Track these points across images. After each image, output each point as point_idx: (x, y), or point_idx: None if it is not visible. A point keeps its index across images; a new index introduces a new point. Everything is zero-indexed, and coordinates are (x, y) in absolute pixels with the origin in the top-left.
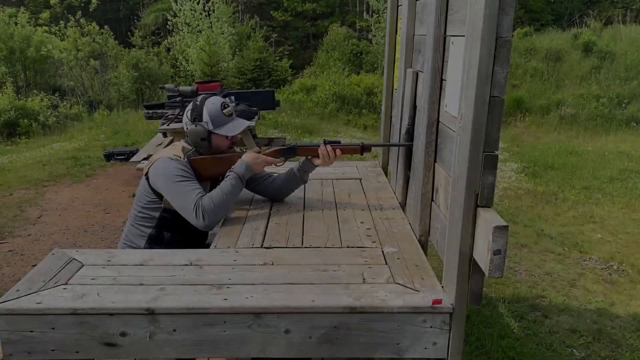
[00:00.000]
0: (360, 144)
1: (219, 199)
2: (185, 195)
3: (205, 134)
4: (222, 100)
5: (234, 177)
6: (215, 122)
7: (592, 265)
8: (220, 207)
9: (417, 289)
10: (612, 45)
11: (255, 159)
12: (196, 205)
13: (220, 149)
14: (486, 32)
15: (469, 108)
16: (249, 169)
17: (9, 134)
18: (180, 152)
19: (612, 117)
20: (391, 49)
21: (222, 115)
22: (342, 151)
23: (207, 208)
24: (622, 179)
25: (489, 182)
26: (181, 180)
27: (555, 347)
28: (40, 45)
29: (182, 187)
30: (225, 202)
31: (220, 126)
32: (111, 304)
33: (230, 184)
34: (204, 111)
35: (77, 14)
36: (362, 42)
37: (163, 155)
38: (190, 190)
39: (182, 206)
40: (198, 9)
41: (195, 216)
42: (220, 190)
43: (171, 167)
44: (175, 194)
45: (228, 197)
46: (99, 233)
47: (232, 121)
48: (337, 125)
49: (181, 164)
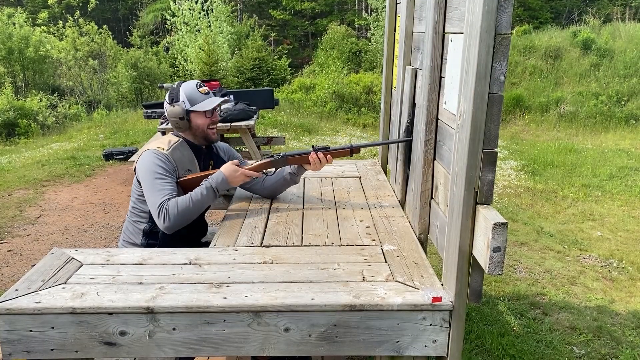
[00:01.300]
0: (350, 146)
1: (184, 205)
2: (156, 193)
3: (183, 113)
4: (197, 81)
5: (207, 187)
6: (191, 100)
7: (592, 262)
8: (183, 214)
9: (416, 286)
10: (611, 43)
11: (233, 172)
12: (161, 206)
13: (200, 128)
14: (485, 29)
15: (467, 105)
16: (225, 182)
17: (8, 134)
18: (166, 144)
19: (611, 114)
20: (390, 47)
21: (197, 92)
22: (333, 155)
23: (170, 211)
24: (621, 176)
25: (488, 180)
26: (157, 177)
27: (555, 344)
28: (39, 45)
29: (156, 184)
30: (190, 210)
31: (197, 103)
32: (110, 303)
33: (201, 193)
34: (180, 92)
35: (76, 14)
36: (361, 41)
37: (148, 148)
38: (161, 189)
39: (150, 203)
40: (197, 8)
41: (158, 216)
42: (188, 197)
43: (151, 162)
44: (148, 189)
45: (195, 205)
46: (98, 233)
47: (208, 98)
48: (337, 124)
49: (162, 158)
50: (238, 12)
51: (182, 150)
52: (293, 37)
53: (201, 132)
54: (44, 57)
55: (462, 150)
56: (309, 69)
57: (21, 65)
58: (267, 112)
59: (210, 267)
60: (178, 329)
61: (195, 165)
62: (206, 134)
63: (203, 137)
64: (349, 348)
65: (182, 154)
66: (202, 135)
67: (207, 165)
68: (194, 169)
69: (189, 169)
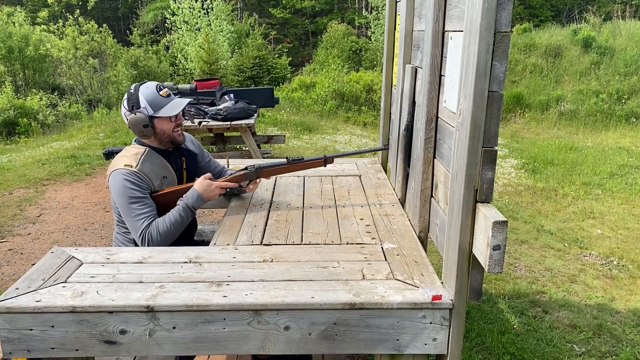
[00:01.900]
0: (323, 157)
1: (165, 230)
2: (134, 219)
3: (147, 120)
4: (157, 83)
5: (183, 208)
6: (153, 105)
7: (592, 260)
8: (165, 237)
9: (416, 285)
10: (611, 41)
11: (208, 187)
12: (142, 233)
13: (166, 133)
14: (484, 27)
15: (467, 103)
16: (200, 199)
17: (9, 133)
18: (133, 160)
19: (611, 112)
20: (390, 46)
21: (159, 96)
22: (306, 167)
23: (153, 237)
24: (621, 174)
25: (488, 178)
26: (131, 202)
27: (556, 342)
28: (39, 44)
29: (132, 209)
30: (172, 232)
31: (160, 108)
32: (110, 301)
33: (179, 214)
34: (140, 97)
35: (76, 13)
36: (361, 39)
37: (116, 168)
38: (139, 214)
39: (131, 228)
40: (197, 7)
41: (141, 242)
42: (168, 221)
43: (123, 185)
44: (126, 215)
45: (175, 227)
46: (99, 231)
47: (171, 101)
48: (337, 123)
49: (133, 179)
50: (238, 11)
51: (151, 160)
52: (293, 35)
53: (167, 137)
54: (44, 56)
55: (462, 148)
56: (309, 68)
57: (21, 64)
58: (267, 110)
59: (210, 266)
60: (178, 327)
61: (170, 169)
62: (172, 137)
63: (169, 141)
64: (349, 346)
65: (152, 164)
66: (168, 139)
67: (181, 165)
68: (169, 174)
69: (164, 175)
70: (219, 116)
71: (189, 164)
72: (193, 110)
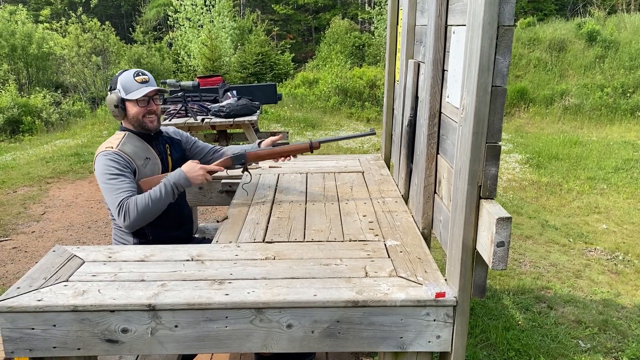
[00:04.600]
0: (309, 142)
1: (143, 204)
2: (113, 193)
3: (118, 101)
4: (138, 70)
5: (165, 185)
6: (125, 88)
7: (598, 256)
8: (143, 213)
9: (420, 282)
10: (616, 34)
11: (192, 167)
12: (120, 204)
13: (135, 117)
14: (487, 21)
15: (470, 98)
16: (184, 178)
17: (12, 131)
18: (114, 143)
19: (616, 106)
20: (393, 41)
21: (133, 81)
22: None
23: (130, 210)
24: (627, 168)
25: (492, 174)
26: (110, 178)
27: (561, 338)
28: (42, 42)
29: (111, 184)
30: (150, 209)
31: (130, 92)
32: (112, 300)
33: (160, 190)
34: (118, 80)
35: (78, 10)
36: (364, 35)
37: (98, 152)
38: (118, 189)
39: (110, 202)
40: (199, 3)
41: (118, 214)
42: (147, 196)
43: (102, 165)
44: (106, 191)
45: (154, 204)
46: (102, 229)
47: (142, 87)
48: (340, 118)
49: (112, 157)
50: (240, 7)
51: (132, 142)
52: (296, 31)
53: (136, 121)
54: (47, 54)
55: (465, 144)
56: (312, 64)
57: (24, 62)
58: (270, 107)
59: (212, 264)
60: (180, 326)
61: (152, 151)
62: (141, 122)
63: (139, 126)
64: (352, 344)
65: (133, 145)
66: (138, 123)
67: (165, 149)
68: (152, 156)
69: (147, 157)
70: (221, 113)
71: (173, 149)
72: (196, 107)
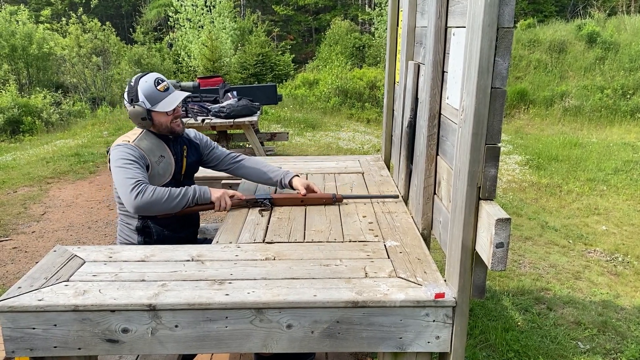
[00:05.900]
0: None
1: (159, 194)
2: (129, 174)
3: (145, 113)
4: (156, 76)
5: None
6: (151, 99)
7: (597, 257)
8: (156, 201)
9: (419, 282)
10: (616, 36)
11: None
12: (137, 184)
13: (164, 125)
14: (487, 23)
15: (470, 100)
16: (207, 193)
17: (13, 132)
18: (132, 137)
19: (616, 108)
20: (393, 42)
21: (156, 91)
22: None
23: (146, 193)
24: (626, 170)
25: (491, 175)
26: (127, 163)
27: (560, 339)
28: (42, 43)
29: (127, 169)
30: (163, 202)
31: (157, 103)
32: (113, 300)
33: (180, 191)
34: (138, 91)
35: (79, 11)
36: (365, 36)
37: (115, 144)
38: (134, 173)
39: (122, 182)
40: (199, 4)
41: (131, 191)
42: (167, 190)
43: (119, 152)
44: (119, 173)
45: (168, 200)
46: (103, 229)
47: (168, 96)
48: (340, 119)
49: (129, 147)
50: (241, 8)
51: (149, 139)
52: (296, 32)
53: (165, 128)
54: (48, 54)
55: (464, 145)
56: (312, 64)
57: (25, 63)
58: (270, 107)
59: (213, 264)
60: (180, 326)
61: (167, 151)
62: (170, 128)
63: (168, 132)
64: (352, 345)
65: (150, 142)
66: (167, 130)
67: (182, 150)
68: (166, 155)
69: (161, 155)
70: (222, 114)
71: (190, 152)
72: (196, 108)
